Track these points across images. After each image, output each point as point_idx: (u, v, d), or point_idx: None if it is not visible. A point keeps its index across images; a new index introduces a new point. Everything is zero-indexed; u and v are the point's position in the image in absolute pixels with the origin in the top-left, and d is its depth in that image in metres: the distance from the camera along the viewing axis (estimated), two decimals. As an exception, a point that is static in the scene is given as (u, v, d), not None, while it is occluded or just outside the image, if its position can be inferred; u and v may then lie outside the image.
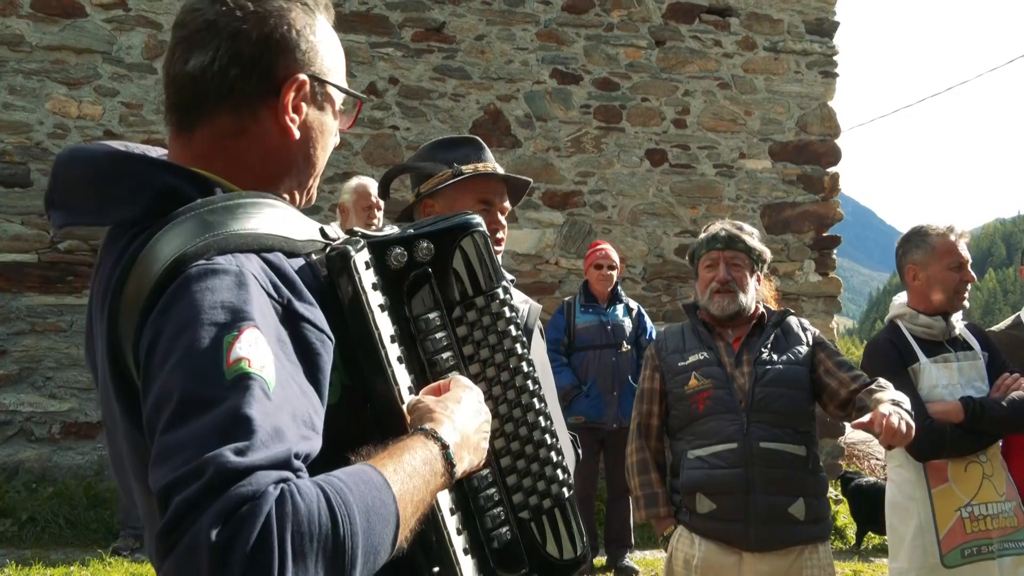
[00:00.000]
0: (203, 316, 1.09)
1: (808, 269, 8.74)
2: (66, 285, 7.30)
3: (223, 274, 1.13)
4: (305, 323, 1.19)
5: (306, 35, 1.35)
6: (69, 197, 1.30)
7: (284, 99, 1.33)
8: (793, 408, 3.11)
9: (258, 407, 1.03)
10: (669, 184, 8.56)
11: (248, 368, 1.05)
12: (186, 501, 0.96)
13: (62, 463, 7.09)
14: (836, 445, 8.58)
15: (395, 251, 1.39)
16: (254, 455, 0.99)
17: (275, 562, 0.94)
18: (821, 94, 8.90)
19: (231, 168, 1.33)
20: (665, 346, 3.35)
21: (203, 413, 1.02)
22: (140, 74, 7.60)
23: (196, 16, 1.32)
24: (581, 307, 6.45)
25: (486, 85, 8.27)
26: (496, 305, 1.49)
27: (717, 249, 3.29)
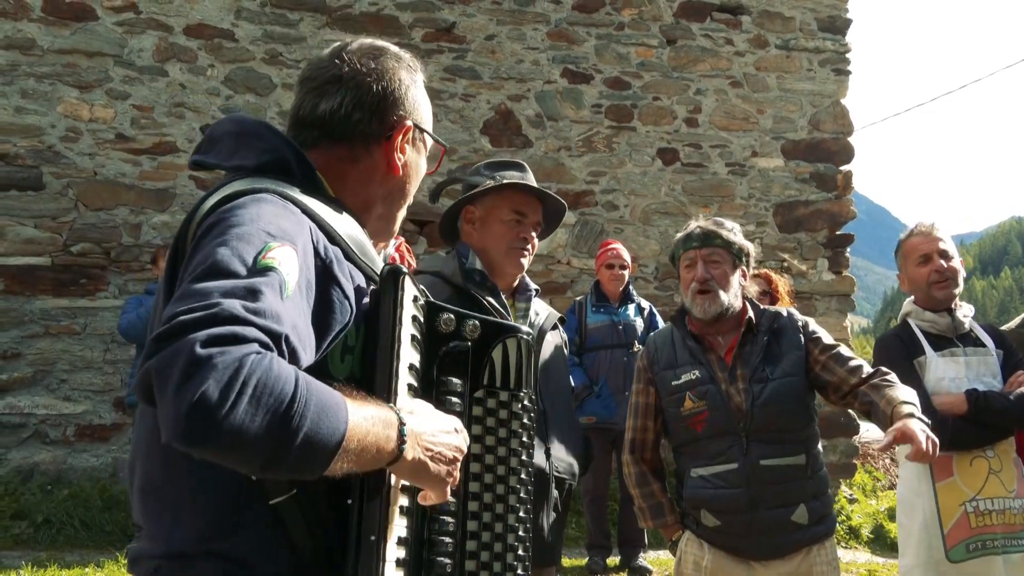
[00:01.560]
0: (260, 223, 1.29)
1: (821, 268, 8.72)
2: (79, 288, 7.35)
3: (287, 207, 1.38)
4: (335, 285, 1.37)
5: (412, 90, 1.65)
6: (212, 145, 1.56)
7: (395, 140, 1.62)
8: (792, 421, 3.06)
9: (271, 293, 1.20)
10: (681, 183, 8.56)
11: (276, 265, 1.23)
12: (186, 321, 1.11)
13: (77, 465, 7.14)
14: (851, 444, 8.56)
15: (446, 316, 1.53)
16: (255, 317, 1.15)
17: (234, 391, 1.07)
18: (834, 92, 8.88)
19: (337, 184, 1.59)
20: (657, 359, 3.25)
21: (227, 278, 1.19)
22: (151, 77, 7.64)
23: (324, 71, 1.62)
24: (593, 307, 6.45)
25: (497, 85, 8.29)
26: (517, 406, 1.59)
27: (694, 248, 3.21)
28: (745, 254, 3.26)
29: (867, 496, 8.63)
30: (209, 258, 1.22)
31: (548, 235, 3.16)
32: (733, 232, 3.26)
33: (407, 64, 1.67)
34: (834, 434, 8.20)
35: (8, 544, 6.22)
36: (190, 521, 1.35)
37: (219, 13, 7.81)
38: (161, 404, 1.09)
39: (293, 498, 1.34)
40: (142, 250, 7.43)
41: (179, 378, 1.07)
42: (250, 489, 1.33)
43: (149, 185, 7.57)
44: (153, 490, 1.40)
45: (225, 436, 1.07)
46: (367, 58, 1.62)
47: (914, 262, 3.62)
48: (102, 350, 7.32)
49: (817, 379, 3.11)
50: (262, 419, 1.09)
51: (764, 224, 8.64)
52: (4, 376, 7.13)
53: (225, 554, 1.34)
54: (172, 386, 1.07)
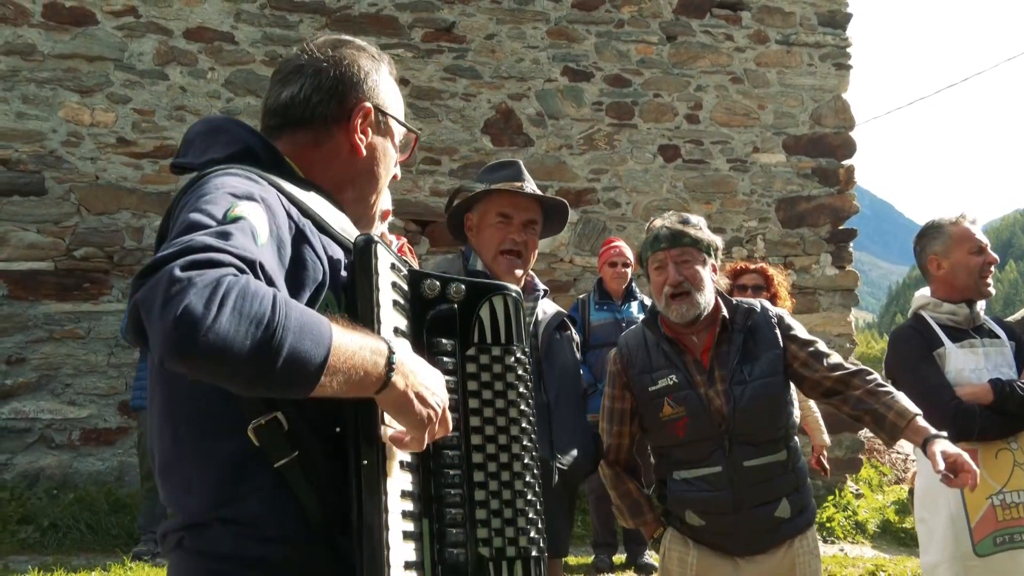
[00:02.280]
0: (224, 189, 1.36)
1: (824, 263, 8.71)
2: (83, 292, 7.36)
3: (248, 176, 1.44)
4: (308, 245, 1.43)
5: (372, 75, 1.69)
6: (188, 147, 1.62)
7: (354, 121, 1.64)
8: (772, 422, 3.02)
9: (243, 236, 1.26)
10: (683, 180, 8.55)
11: (244, 215, 1.30)
12: (162, 256, 1.19)
13: (82, 469, 7.16)
14: (856, 439, 8.55)
15: (429, 281, 1.57)
16: (227, 245, 1.22)
17: (215, 303, 1.13)
18: (835, 86, 8.87)
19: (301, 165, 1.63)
20: (631, 363, 3.13)
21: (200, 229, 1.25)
22: (152, 80, 7.66)
23: (290, 63, 1.69)
24: (596, 305, 6.44)
25: (497, 84, 8.30)
26: (510, 360, 1.60)
27: (662, 249, 3.05)
28: (713, 248, 3.12)
29: (873, 491, 8.62)
30: (183, 223, 1.28)
31: (556, 233, 3.16)
32: (700, 228, 3.13)
33: (370, 54, 1.72)
34: (839, 429, 8.17)
35: (15, 549, 6.23)
36: (201, 492, 1.40)
37: (219, 16, 7.82)
38: (149, 327, 1.15)
39: (296, 460, 1.38)
40: (145, 254, 7.44)
41: (163, 299, 1.13)
42: (254, 456, 1.37)
43: (151, 189, 7.58)
44: (168, 468, 1.46)
45: (212, 346, 1.12)
46: (328, 48, 1.68)
47: (967, 250, 3.53)
48: (106, 354, 7.34)
49: (796, 375, 3.05)
50: (245, 329, 1.14)
51: (766, 220, 8.64)
52: (9, 381, 7.15)
53: (235, 519, 1.38)
54: (157, 308, 1.13)
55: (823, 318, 8.49)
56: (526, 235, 2.96)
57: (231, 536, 1.39)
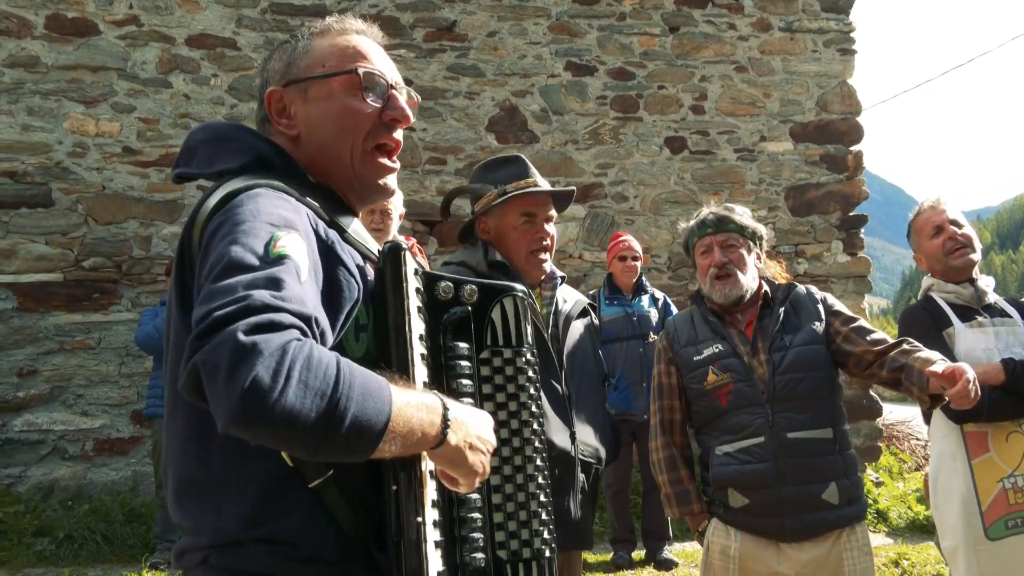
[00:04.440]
0: (261, 216, 1.33)
1: (836, 250, 8.65)
2: (92, 303, 7.36)
3: (281, 197, 1.42)
4: (340, 264, 1.41)
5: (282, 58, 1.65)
6: (190, 156, 1.59)
7: (269, 109, 1.63)
8: (815, 390, 3.03)
9: (291, 279, 1.25)
10: (690, 171, 8.50)
11: (287, 252, 1.28)
12: (221, 316, 1.16)
13: (97, 480, 7.16)
14: (874, 426, 8.49)
15: (444, 284, 1.57)
16: (284, 303, 1.20)
17: (282, 375, 1.12)
18: (840, 72, 8.80)
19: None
20: (677, 337, 3.26)
21: (245, 272, 1.23)
22: (155, 89, 7.65)
23: None
24: (606, 299, 6.42)
25: (500, 81, 8.26)
26: (521, 362, 1.63)
27: (708, 234, 3.22)
28: (758, 237, 3.28)
29: (893, 478, 8.55)
30: (223, 258, 1.25)
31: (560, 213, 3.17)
32: (744, 216, 3.28)
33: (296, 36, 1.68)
34: (857, 417, 8.14)
35: (31, 561, 6.23)
36: (234, 511, 1.39)
37: (220, 22, 7.81)
38: (213, 394, 1.14)
39: (331, 479, 1.39)
40: (153, 262, 7.44)
41: (228, 367, 1.11)
42: (289, 475, 1.38)
43: (158, 197, 7.58)
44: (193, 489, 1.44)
45: (279, 417, 1.12)
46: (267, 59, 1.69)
47: (927, 236, 3.60)
48: (117, 364, 7.34)
49: (839, 351, 3.09)
50: (311, 401, 1.14)
51: (776, 209, 8.58)
52: (21, 393, 7.16)
53: (273, 537, 1.38)
54: (223, 375, 1.12)
55: (836, 306, 8.44)
56: (549, 229, 3.01)
57: (267, 555, 1.38)
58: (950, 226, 3.55)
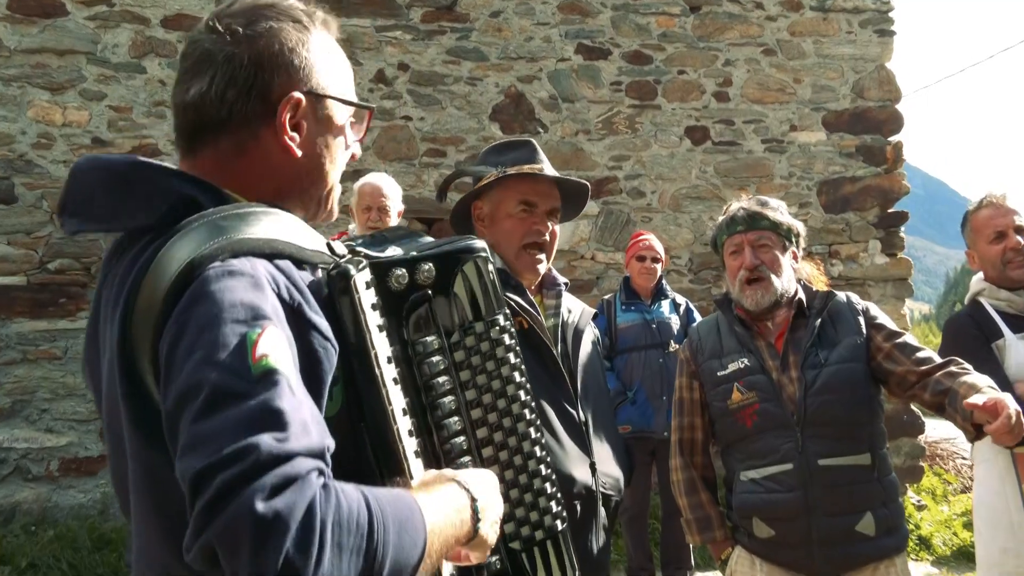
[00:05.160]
0: (225, 314, 1.22)
1: (873, 250, 8.67)
2: (59, 308, 7.40)
3: (239, 275, 1.27)
4: (313, 330, 1.33)
5: (299, 52, 1.51)
6: (85, 204, 1.43)
7: (281, 118, 1.48)
8: (852, 413, 3.00)
9: (287, 401, 1.17)
10: (713, 164, 8.54)
11: (273, 364, 1.19)
12: (230, 479, 1.08)
13: (63, 503, 7.19)
14: (916, 444, 8.51)
15: (396, 272, 1.51)
16: (292, 443, 1.13)
17: (315, 544, 1.08)
18: (877, 55, 8.83)
19: (237, 186, 1.48)
20: (700, 348, 3.24)
21: (234, 404, 1.15)
22: (128, 74, 7.70)
23: (196, 47, 1.50)
24: (623, 305, 6.44)
25: (505, 66, 8.30)
26: (496, 332, 1.61)
27: (739, 232, 3.17)
28: (795, 235, 3.23)
29: (937, 502, 8.57)
30: (200, 385, 1.17)
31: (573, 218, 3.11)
32: (780, 211, 3.23)
33: (294, 19, 1.54)
34: (897, 434, 8.15)
35: (-8, 592, 6.26)
36: None
37: (199, 2, 7.86)
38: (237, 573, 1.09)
39: None
40: (125, 264, 7.46)
41: (253, 545, 1.06)
42: None
43: (130, 193, 7.60)
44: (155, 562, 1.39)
45: None
46: (241, 22, 1.49)
47: (986, 239, 3.58)
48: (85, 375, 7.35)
49: (879, 369, 3.06)
50: (348, 563, 1.12)
51: (807, 205, 8.61)
52: (-19, 409, 7.19)
53: None
54: (247, 556, 1.07)
55: (874, 312, 8.45)
56: (550, 224, 2.88)
57: None
58: (1014, 235, 3.53)
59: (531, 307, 2.75)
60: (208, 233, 1.32)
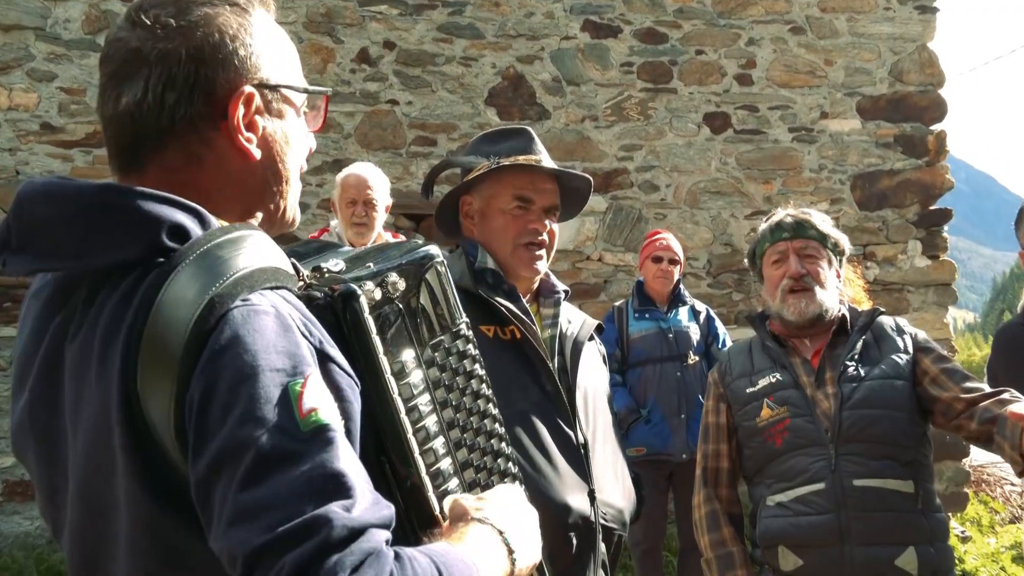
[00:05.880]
0: (261, 363, 1.21)
1: (913, 252, 8.67)
2: (3, 314, 7.40)
3: (264, 315, 1.25)
4: (336, 366, 1.33)
5: (243, 39, 1.45)
6: (39, 238, 1.35)
7: (233, 119, 1.44)
8: (894, 433, 3.01)
9: (345, 461, 1.19)
10: (735, 155, 8.54)
11: (323, 419, 1.20)
12: (303, 558, 1.09)
13: (6, 531, 7.18)
14: (960, 469, 8.51)
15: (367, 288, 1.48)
16: (363, 513, 1.15)
17: None
18: (919, 34, 8.84)
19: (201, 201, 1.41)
20: (730, 369, 3.28)
21: (287, 468, 1.15)
22: (81, 52, 7.69)
23: (120, 46, 1.43)
24: (635, 312, 6.40)
25: (503, 45, 8.30)
26: (461, 343, 1.64)
27: (784, 239, 3.24)
28: (840, 250, 3.30)
29: (983, 533, 8.56)
30: (244, 447, 1.16)
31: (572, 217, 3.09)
32: (826, 223, 3.30)
33: (229, 3, 1.47)
34: (939, 457, 8.07)
35: (-72, 631, 6.25)
36: None
37: (160, -29, 7.83)
38: None
39: None
40: (78, 265, 7.45)
41: None
42: None
43: (83, 185, 7.59)
44: None
45: None
46: (171, 12, 1.42)
47: None
48: (34, 389, 7.35)
49: (925, 394, 3.08)
50: None
51: (840, 201, 8.61)
52: (-84, 426, 7.18)
53: None
54: None
55: (914, 320, 8.42)
56: (548, 223, 2.85)
57: None
58: None
59: (524, 314, 2.74)
60: (211, 266, 1.28)
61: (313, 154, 1.65)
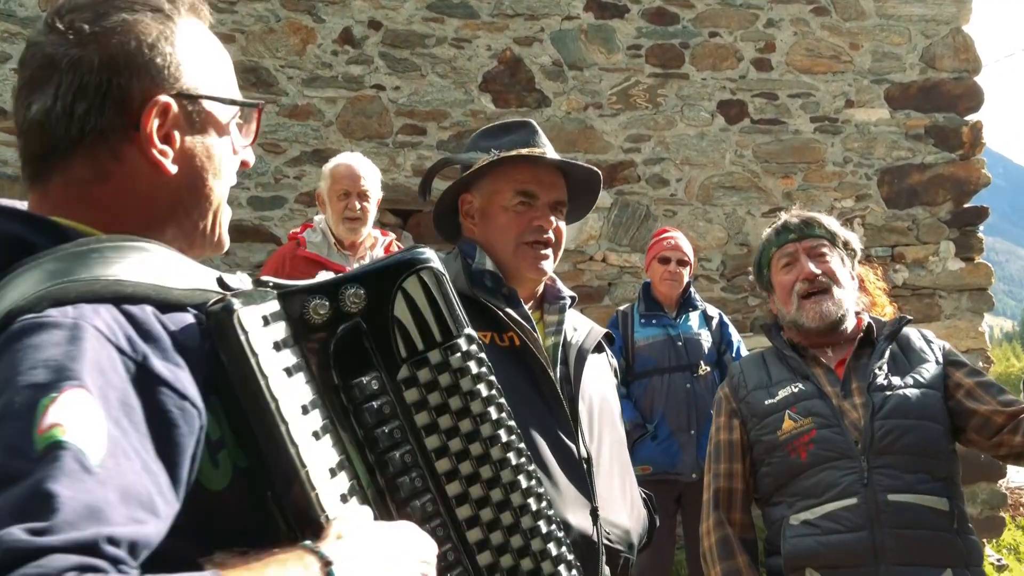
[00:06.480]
0: (19, 378, 1.18)
1: (946, 254, 8.68)
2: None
3: (52, 328, 1.24)
4: (163, 386, 1.29)
5: (161, 47, 1.48)
6: None
7: (146, 129, 1.46)
8: (928, 445, 3.02)
9: (67, 482, 1.11)
10: (752, 147, 8.55)
11: (61, 436, 1.14)
12: None
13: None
14: (996, 491, 8.51)
15: (313, 302, 1.47)
16: (52, 536, 1.07)
17: None
18: (953, 16, 8.85)
19: (97, 218, 1.45)
20: (743, 382, 3.28)
21: (5, 488, 1.10)
22: (37, 31, 7.67)
23: (35, 51, 1.47)
24: (642, 318, 6.40)
25: (499, 25, 8.31)
26: (457, 359, 1.58)
27: (791, 241, 3.27)
28: (850, 250, 3.32)
29: (1020, 560, 8.58)
30: None
31: (580, 218, 3.10)
32: (833, 223, 3.34)
33: (155, 6, 1.51)
34: (973, 478, 8.14)
35: None
36: None
37: (124, -57, 7.85)
38: None
39: None
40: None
41: None
42: None
43: (39, 176, 7.60)
44: None
45: None
46: (87, 17, 1.45)
47: None
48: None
49: (959, 408, 3.09)
50: None
51: (866, 198, 8.62)
52: None
53: None
54: None
55: (946, 328, 8.45)
56: (555, 220, 2.85)
57: None
58: None
59: (525, 320, 2.74)
60: (37, 279, 1.31)
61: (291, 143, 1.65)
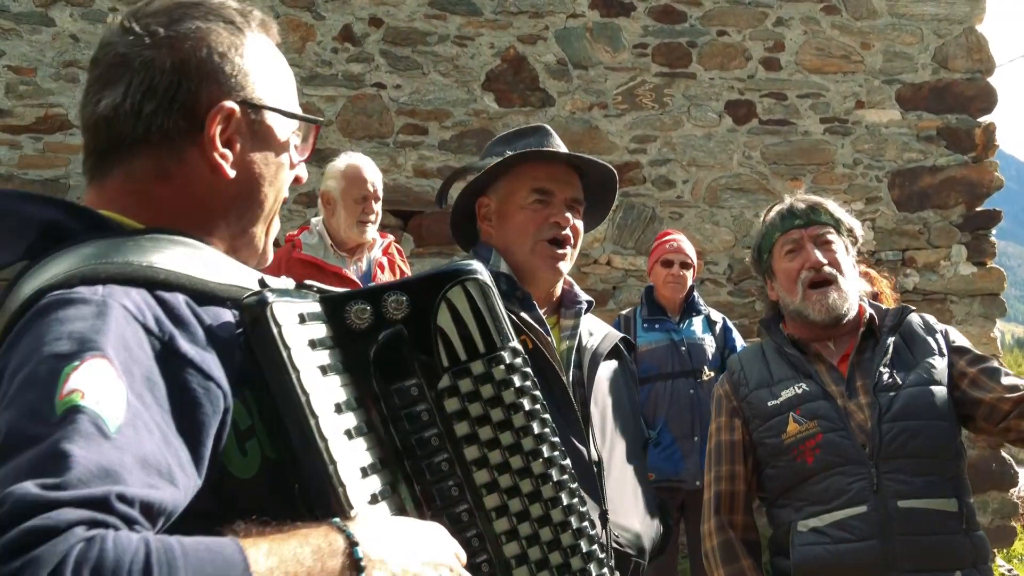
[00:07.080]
0: (44, 348, 1.24)
1: (958, 258, 8.67)
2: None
3: (80, 304, 1.30)
4: (188, 366, 1.35)
5: (231, 57, 1.57)
6: None
7: (210, 132, 1.53)
8: (937, 446, 3.01)
9: (82, 443, 1.16)
10: (760, 148, 8.54)
11: (79, 401, 1.19)
12: None
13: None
14: (1007, 500, 8.49)
15: (355, 307, 1.52)
16: (63, 491, 1.11)
17: None
18: (966, 15, 8.84)
19: (152, 216, 1.53)
20: (744, 379, 3.25)
21: (24, 451, 1.15)
22: (32, 27, 7.69)
23: (108, 51, 1.55)
24: (644, 322, 6.41)
25: (503, 23, 8.31)
26: (500, 371, 1.60)
27: (797, 227, 3.24)
28: (854, 237, 3.29)
29: (1032, 571, 8.57)
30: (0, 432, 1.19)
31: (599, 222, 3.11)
32: (837, 209, 3.31)
33: (228, 18, 1.60)
34: (984, 487, 8.13)
35: None
36: None
37: (121, -63, 7.86)
38: None
39: None
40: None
41: None
42: None
43: (33, 175, 7.61)
44: None
45: None
46: (163, 22, 1.54)
47: None
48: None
49: (965, 399, 3.08)
50: None
51: (876, 200, 8.60)
52: None
53: None
54: None
55: (957, 334, 8.42)
56: (571, 216, 2.89)
57: None
58: None
59: (538, 324, 2.77)
60: (72, 262, 1.37)
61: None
